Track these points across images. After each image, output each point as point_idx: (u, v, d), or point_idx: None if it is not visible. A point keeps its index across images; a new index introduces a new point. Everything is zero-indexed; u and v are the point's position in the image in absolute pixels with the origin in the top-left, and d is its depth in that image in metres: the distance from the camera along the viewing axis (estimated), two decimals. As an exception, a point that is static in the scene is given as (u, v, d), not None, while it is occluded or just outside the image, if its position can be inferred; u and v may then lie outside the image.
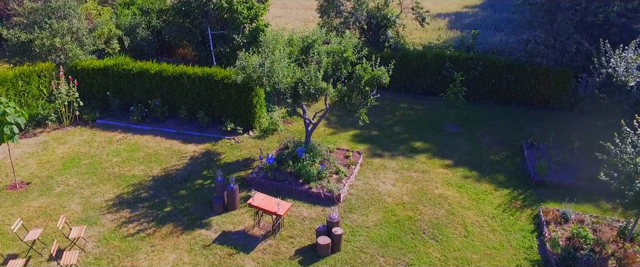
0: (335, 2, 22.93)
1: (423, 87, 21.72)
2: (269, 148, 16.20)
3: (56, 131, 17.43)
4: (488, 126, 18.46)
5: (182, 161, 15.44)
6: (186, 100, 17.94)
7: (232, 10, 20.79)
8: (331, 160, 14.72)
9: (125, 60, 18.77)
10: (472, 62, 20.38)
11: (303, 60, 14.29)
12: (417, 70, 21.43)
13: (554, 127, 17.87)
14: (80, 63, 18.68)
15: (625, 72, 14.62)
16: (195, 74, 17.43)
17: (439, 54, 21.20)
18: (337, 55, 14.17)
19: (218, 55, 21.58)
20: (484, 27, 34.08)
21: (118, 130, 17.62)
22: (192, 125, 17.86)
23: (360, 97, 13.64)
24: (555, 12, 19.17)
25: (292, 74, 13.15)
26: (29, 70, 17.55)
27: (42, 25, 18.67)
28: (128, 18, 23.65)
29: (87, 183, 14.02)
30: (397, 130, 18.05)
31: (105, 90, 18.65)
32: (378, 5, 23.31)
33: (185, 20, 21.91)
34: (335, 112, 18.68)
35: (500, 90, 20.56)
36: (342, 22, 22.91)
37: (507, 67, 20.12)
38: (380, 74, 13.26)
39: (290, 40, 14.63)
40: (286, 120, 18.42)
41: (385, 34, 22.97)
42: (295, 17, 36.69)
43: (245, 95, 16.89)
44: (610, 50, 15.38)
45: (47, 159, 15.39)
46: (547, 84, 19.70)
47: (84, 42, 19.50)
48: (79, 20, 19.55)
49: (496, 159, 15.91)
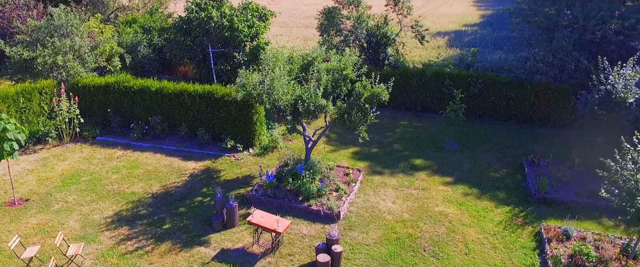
0: (336, 20, 23.15)
1: (423, 105, 21.78)
2: (269, 165, 16.18)
3: (56, 148, 17.44)
4: (488, 143, 18.46)
5: (182, 178, 15.41)
6: (186, 118, 17.99)
7: (233, 28, 21.00)
8: (331, 177, 14.68)
9: (126, 77, 18.88)
10: (471, 79, 20.47)
11: (303, 77, 14.36)
12: (416, 88, 21.51)
13: (554, 144, 17.86)
14: (82, 80, 18.79)
15: (624, 89, 14.69)
16: (195, 91, 17.50)
17: (439, 71, 21.30)
18: (337, 73, 14.24)
19: (219, 73, 21.71)
20: (483, 45, 34.34)
21: (118, 147, 17.63)
22: (192, 142, 17.87)
23: (360, 115, 13.66)
24: (553, 30, 19.34)
25: (292, 91, 13.21)
26: (30, 87, 17.64)
27: (45, 43, 18.83)
28: (130, 36, 23.86)
29: (86, 200, 13.96)
30: (397, 148, 18.04)
31: (105, 108, 18.72)
32: (378, 24, 23.54)
33: (187, 39, 22.10)
34: (335, 130, 18.69)
35: (500, 108, 20.60)
36: (342, 40, 23.09)
37: (507, 84, 20.20)
38: (379, 91, 13.32)
39: (291, 58, 14.73)
40: (286, 138, 18.42)
41: (385, 52, 23.12)
42: (295, 36, 37.02)
43: (245, 112, 16.94)
44: (609, 68, 15.47)
45: (46, 175, 15.36)
46: (546, 101, 19.75)
47: (85, 59, 19.65)
48: (81, 38, 19.72)
49: (497, 176, 15.86)
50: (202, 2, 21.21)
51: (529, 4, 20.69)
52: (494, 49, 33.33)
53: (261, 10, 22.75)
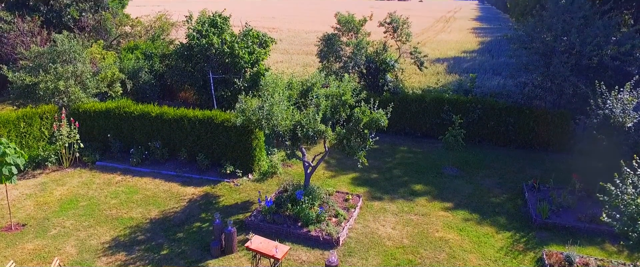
0: (335, 47, 23.45)
1: (422, 130, 21.83)
2: (268, 191, 16.11)
3: (55, 173, 17.41)
4: (488, 169, 18.42)
5: (181, 203, 15.33)
6: (186, 143, 18.02)
7: (234, 55, 21.22)
8: (330, 203, 14.60)
9: (127, 103, 19.01)
10: (470, 105, 20.58)
11: (302, 103, 14.44)
12: (416, 114, 21.61)
13: (554, 169, 17.82)
14: (83, 105, 18.91)
15: (622, 113, 14.75)
16: (195, 116, 17.59)
17: (438, 97, 21.43)
18: (336, 99, 14.33)
19: (219, 99, 21.85)
20: (481, 71, 34.68)
21: (117, 172, 17.60)
22: (192, 167, 17.85)
23: (359, 140, 13.68)
24: (550, 55, 19.55)
25: (291, 116, 13.26)
26: (31, 112, 17.75)
27: (48, 69, 19.03)
28: (131, 62, 24.10)
29: (83, 225, 13.86)
30: (397, 173, 17.99)
31: (106, 133, 18.77)
32: (377, 50, 23.82)
33: (188, 65, 22.32)
34: (335, 155, 18.68)
35: (500, 133, 20.65)
36: (342, 67, 23.34)
37: (506, 109, 20.29)
38: (378, 117, 13.36)
39: (290, 84, 14.84)
40: (285, 163, 18.40)
41: (384, 78, 23.33)
42: (295, 62, 37.42)
43: (244, 138, 16.97)
44: (606, 92, 15.56)
45: (44, 200, 15.29)
46: (545, 126, 19.81)
47: (87, 85, 19.82)
48: (83, 64, 19.93)
49: (497, 202, 15.77)
50: (204, 29, 21.50)
51: (526, 30, 20.98)
52: (493, 74, 33.66)
53: (262, 37, 23.05)
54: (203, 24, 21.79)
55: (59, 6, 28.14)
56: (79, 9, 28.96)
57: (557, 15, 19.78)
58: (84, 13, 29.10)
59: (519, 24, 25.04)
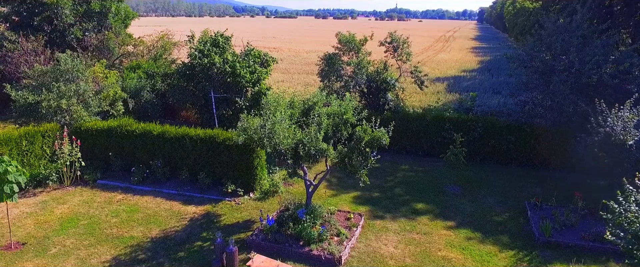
0: (336, 66, 23.62)
1: (423, 149, 21.85)
2: (270, 210, 16.05)
3: (56, 191, 17.38)
4: (490, 187, 18.38)
5: (182, 222, 15.26)
6: (188, 162, 18.01)
7: (235, 74, 21.38)
8: (332, 222, 14.53)
9: (129, 121, 19.07)
10: (471, 123, 20.63)
11: (304, 122, 14.48)
12: (417, 132, 21.66)
13: (556, 187, 17.78)
14: (85, 124, 18.98)
15: (623, 131, 14.78)
16: (197, 135, 17.62)
17: (439, 116, 21.51)
18: (338, 117, 14.38)
19: (220, 118, 21.92)
20: (482, 90, 34.87)
21: (118, 190, 17.56)
22: (193, 186, 17.82)
23: (360, 159, 13.67)
24: (550, 74, 19.67)
25: (293, 135, 13.29)
26: (33, 131, 17.80)
27: (50, 88, 19.15)
28: (134, 81, 24.27)
29: (84, 244, 13.77)
30: (399, 192, 17.95)
31: (107, 151, 18.79)
32: (378, 70, 24.00)
33: (189, 84, 22.46)
34: (336, 174, 18.66)
35: (501, 151, 20.66)
36: (343, 86, 23.47)
37: (507, 128, 20.35)
38: (380, 135, 13.38)
39: (292, 103, 14.91)
40: (287, 182, 18.38)
41: (385, 97, 23.45)
42: (296, 82, 37.65)
43: (246, 156, 16.97)
44: (607, 110, 15.62)
45: (45, 219, 15.23)
46: (546, 144, 19.83)
47: (89, 103, 19.91)
48: (86, 83, 20.06)
49: (499, 220, 15.69)
50: (205, 49, 21.70)
51: (525, 49, 21.16)
52: (493, 93, 33.84)
53: (263, 57, 23.25)
54: (205, 43, 22.01)
55: (63, 26, 28.47)
56: (82, 28, 29.31)
57: (555, 35, 19.98)
58: (87, 33, 29.44)
59: (518, 43, 25.28)
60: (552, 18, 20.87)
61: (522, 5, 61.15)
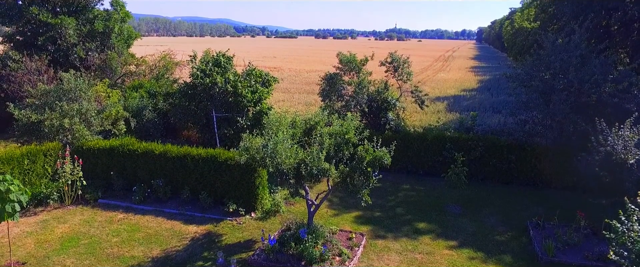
0: (337, 86, 23.77)
1: (424, 168, 21.86)
2: (271, 229, 15.99)
3: (57, 210, 17.34)
4: (491, 206, 18.34)
5: (183, 242, 15.19)
6: (189, 181, 18.01)
7: (237, 94, 21.51)
8: (334, 242, 14.47)
9: (131, 140, 19.13)
10: (472, 142, 20.69)
11: (306, 141, 14.54)
12: (418, 152, 21.69)
13: (558, 206, 17.74)
14: (87, 143, 19.03)
15: (624, 150, 14.83)
16: (199, 155, 17.66)
17: (440, 135, 21.58)
18: (339, 137, 14.43)
19: (222, 137, 21.99)
20: (482, 109, 35.03)
21: (119, 210, 17.52)
22: (194, 205, 17.78)
23: (362, 178, 13.68)
24: (550, 93, 19.80)
25: (295, 155, 13.33)
26: (35, 150, 17.84)
27: (53, 107, 19.25)
28: (136, 100, 24.40)
29: (84, 264, 13.69)
30: (400, 212, 17.90)
31: (109, 170, 18.80)
32: (378, 89, 24.14)
33: (191, 103, 22.57)
34: (338, 194, 18.64)
35: (502, 170, 20.67)
36: (344, 105, 23.58)
37: (507, 147, 20.39)
38: (382, 155, 13.42)
39: (294, 122, 14.98)
40: (288, 202, 18.34)
41: (386, 116, 23.54)
42: (297, 101, 37.84)
43: (248, 176, 16.98)
44: (607, 129, 15.69)
45: (45, 238, 15.16)
46: (547, 163, 19.85)
47: (91, 122, 20.00)
48: (88, 102, 20.18)
49: (501, 240, 15.62)
50: (207, 69, 21.88)
51: (525, 69, 21.33)
52: (493, 112, 33.99)
53: (264, 76, 23.42)
54: (207, 63, 22.20)
55: (66, 46, 28.77)
56: (85, 48, 29.61)
57: (554, 54, 20.17)
58: (90, 52, 29.73)
59: (518, 62, 25.51)
60: (550, 38, 21.11)
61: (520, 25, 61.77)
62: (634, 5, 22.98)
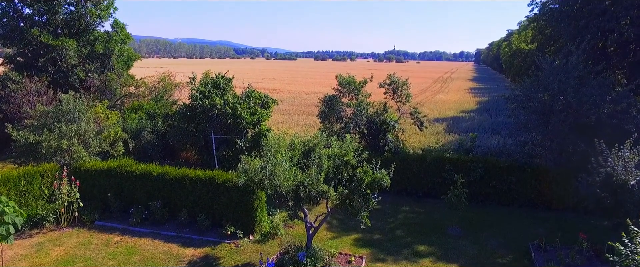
0: (336, 108, 23.78)
1: (424, 190, 21.73)
2: (270, 252, 15.78)
3: (53, 232, 17.13)
4: (492, 228, 18.16)
5: (180, 265, 14.97)
6: (187, 203, 17.86)
7: (236, 115, 21.51)
8: (333, 265, 14.27)
9: (129, 162, 19.04)
10: (472, 164, 20.61)
11: (304, 163, 14.46)
12: (417, 173, 21.59)
13: (560, 228, 17.56)
14: (84, 164, 18.94)
15: (624, 171, 14.75)
16: (197, 176, 17.55)
17: (439, 157, 21.51)
18: (338, 159, 14.36)
19: (221, 159, 21.90)
20: (481, 131, 35.04)
21: (116, 232, 17.32)
22: (192, 228, 17.58)
23: (361, 200, 13.57)
24: (548, 114, 19.81)
25: (293, 177, 13.24)
26: (32, 171, 17.73)
27: (52, 128, 19.22)
28: (134, 122, 24.38)
29: (79, 289, 13.46)
30: (400, 234, 17.72)
31: (106, 192, 18.65)
32: (377, 111, 24.15)
33: (190, 125, 22.55)
34: (337, 216, 18.47)
35: (502, 192, 20.55)
36: (343, 127, 23.56)
37: (507, 168, 20.31)
38: (381, 177, 13.34)
39: (292, 144, 14.93)
40: (287, 224, 18.16)
41: (385, 138, 23.50)
42: (296, 123, 37.85)
43: (246, 198, 16.84)
44: (607, 150, 15.64)
45: (40, 261, 14.93)
46: (548, 185, 19.75)
47: (90, 144, 19.93)
48: (87, 124, 20.15)
49: (503, 262, 15.41)
50: (206, 90, 21.93)
51: (523, 90, 21.40)
52: (492, 134, 33.98)
53: (263, 98, 23.47)
54: (206, 85, 22.26)
55: (66, 67, 28.91)
56: (85, 69, 29.74)
57: (552, 76, 20.26)
58: (90, 74, 29.85)
59: (516, 84, 25.62)
60: (548, 59, 21.25)
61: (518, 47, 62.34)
62: (630, 26, 23.21)
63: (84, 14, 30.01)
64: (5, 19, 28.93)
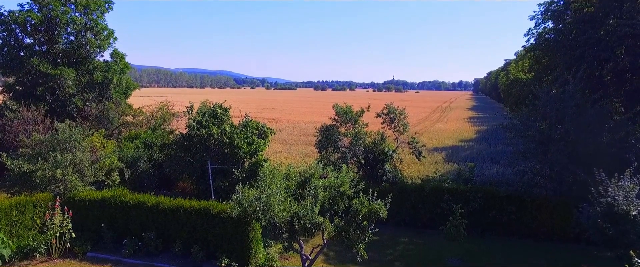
0: (334, 138, 23.68)
1: (423, 221, 21.42)
2: (264, 284, 15.38)
3: (43, 264, 16.74)
4: (493, 260, 17.78)
5: (172, 298, 14.56)
6: (182, 234, 17.54)
7: (233, 145, 21.38)
8: (329, 297, 13.89)
9: (123, 192, 18.81)
10: (470, 194, 20.37)
11: (300, 194, 14.25)
12: (416, 204, 21.33)
13: (561, 259, 17.21)
14: (78, 194, 18.71)
15: (625, 201, 14.52)
16: (192, 207, 17.30)
17: (437, 187, 21.30)
18: (334, 189, 14.17)
19: (217, 189, 21.64)
20: (479, 160, 34.84)
21: (109, 264, 16.93)
22: (186, 260, 17.20)
23: (358, 232, 13.32)
24: (547, 143, 19.68)
25: (288, 208, 13.02)
26: (25, 200, 17.49)
27: (46, 157, 19.04)
28: (131, 151, 24.22)
29: (66, 324, 13.04)
30: (399, 266, 17.33)
31: (100, 222, 18.35)
32: (375, 141, 24.05)
33: (187, 154, 22.39)
34: (334, 248, 18.10)
35: (502, 223, 20.24)
36: (340, 157, 23.40)
37: (506, 198, 20.07)
38: (377, 208, 13.14)
39: (288, 175, 14.76)
40: (283, 256, 17.77)
41: (382, 168, 23.32)
42: (294, 152, 37.67)
43: (241, 229, 16.53)
44: (607, 180, 15.45)
45: (28, 296, 14.53)
46: (548, 215, 19.46)
47: (85, 173, 19.72)
48: (82, 153, 19.98)
49: (504, 296, 15.02)
50: (204, 120, 21.86)
51: (521, 119, 21.34)
52: (491, 163, 33.78)
53: (261, 128, 23.38)
54: (203, 114, 22.21)
55: (64, 96, 28.95)
56: (83, 98, 29.78)
57: (549, 105, 20.23)
58: (88, 103, 29.86)
59: (514, 113, 25.60)
60: (545, 88, 21.27)
61: (515, 76, 62.77)
62: (625, 56, 23.35)
63: (84, 43, 30.25)
64: (6, 49, 29.15)
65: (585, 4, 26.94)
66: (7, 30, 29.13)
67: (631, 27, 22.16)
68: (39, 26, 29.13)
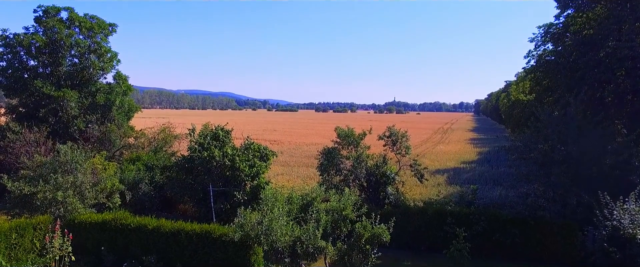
0: (335, 160, 23.62)
1: (426, 244, 21.17)
2: (266, 309, 15.14)
3: (42, 290, 16.51)
4: (497, 285, 17.50)
5: (171, 324, 14.31)
6: (182, 258, 17.34)
7: (235, 168, 21.32)
8: (332, 323, 13.65)
9: (124, 214, 18.68)
10: (474, 217, 20.18)
11: (302, 218, 14.14)
12: (418, 227, 21.12)
13: (567, 285, 16.94)
14: (79, 216, 18.58)
15: (631, 225, 14.35)
16: (193, 230, 17.15)
17: (440, 209, 21.13)
18: (337, 213, 14.07)
19: (218, 212, 21.50)
20: (482, 182, 34.66)
21: (107, 289, 16.70)
22: (186, 284, 16.97)
23: (361, 256, 13.19)
24: (550, 165, 19.58)
25: (290, 232, 12.91)
26: (25, 223, 17.34)
27: (48, 179, 18.98)
28: (132, 173, 24.16)
29: None
30: (402, 290, 17.06)
31: (100, 245, 18.17)
32: (377, 163, 23.95)
33: (188, 177, 22.32)
34: (336, 270, 17.87)
35: (506, 246, 19.97)
36: (342, 180, 23.30)
37: (510, 221, 19.86)
38: (380, 232, 13.04)
39: (290, 198, 14.68)
40: (285, 279, 17.53)
41: (385, 190, 23.19)
42: (296, 175, 37.53)
43: (243, 253, 16.32)
44: (611, 202, 15.30)
45: (26, 322, 14.29)
46: (552, 238, 19.22)
47: (85, 195, 19.63)
48: (83, 175, 19.91)
49: (510, 322, 14.73)
50: (206, 142, 21.86)
51: (523, 141, 21.30)
52: (494, 185, 33.61)
53: (263, 150, 23.34)
54: (205, 136, 22.23)
55: (67, 118, 29.05)
56: (85, 120, 29.87)
57: (551, 126, 20.20)
58: (90, 125, 29.94)
59: (515, 134, 25.56)
60: (546, 110, 21.26)
61: (516, 97, 62.92)
62: (626, 77, 23.42)
63: (88, 66, 30.52)
64: (10, 71, 29.40)
65: (584, 27, 27.13)
66: (12, 52, 29.45)
67: (630, 49, 22.29)
68: (43, 49, 29.46)
